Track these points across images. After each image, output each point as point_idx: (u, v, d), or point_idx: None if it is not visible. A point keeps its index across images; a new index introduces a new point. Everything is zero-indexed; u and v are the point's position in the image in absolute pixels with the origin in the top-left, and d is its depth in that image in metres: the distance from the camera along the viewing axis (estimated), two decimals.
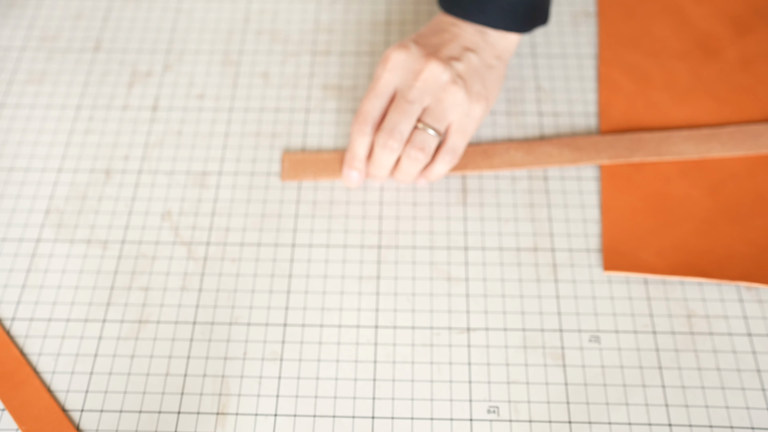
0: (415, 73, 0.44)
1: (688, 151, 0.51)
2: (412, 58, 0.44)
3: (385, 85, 0.45)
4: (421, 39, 0.47)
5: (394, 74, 0.45)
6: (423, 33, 0.48)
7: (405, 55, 0.44)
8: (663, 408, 0.42)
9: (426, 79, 0.44)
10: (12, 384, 0.43)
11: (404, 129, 0.45)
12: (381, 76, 0.45)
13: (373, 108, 0.46)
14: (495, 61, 0.47)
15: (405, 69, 0.45)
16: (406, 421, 0.42)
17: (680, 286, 0.47)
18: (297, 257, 0.48)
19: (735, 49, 0.56)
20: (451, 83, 0.45)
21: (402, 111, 0.45)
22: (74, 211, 0.50)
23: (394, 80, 0.45)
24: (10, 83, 0.57)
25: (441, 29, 0.47)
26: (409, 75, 0.45)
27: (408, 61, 0.45)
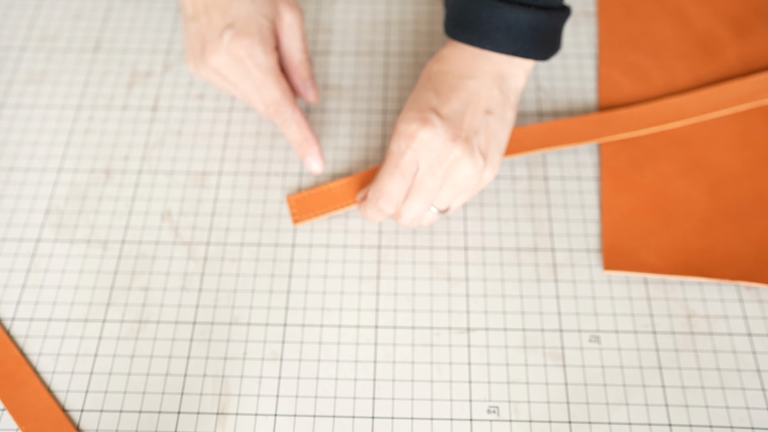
0: (439, 158, 0.42)
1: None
2: (439, 140, 0.42)
3: (409, 163, 0.43)
4: (443, 107, 0.43)
5: (420, 154, 0.42)
6: (442, 92, 0.43)
7: (432, 135, 0.41)
8: (663, 408, 0.43)
9: (450, 167, 0.42)
10: (12, 384, 0.43)
11: (421, 216, 0.45)
12: (405, 153, 0.43)
13: (398, 189, 0.44)
14: (511, 114, 0.45)
15: (430, 150, 0.42)
16: (406, 421, 0.42)
17: (680, 286, 0.47)
18: (297, 257, 0.48)
19: (735, 49, 0.56)
20: (471, 167, 0.43)
21: (424, 200, 0.44)
22: (74, 211, 0.50)
23: (418, 160, 0.43)
24: (10, 83, 0.57)
25: (459, 86, 0.44)
26: (433, 158, 0.42)
27: (434, 143, 0.42)
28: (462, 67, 0.44)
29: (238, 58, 0.44)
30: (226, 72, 0.45)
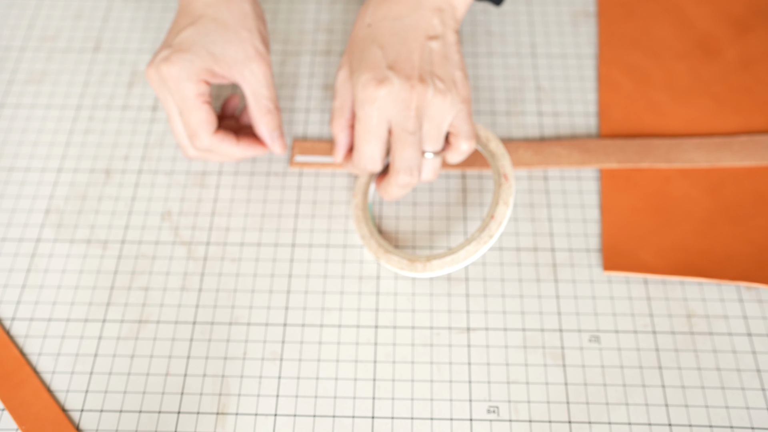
0: (405, 105, 0.43)
1: (698, 159, 0.50)
2: (397, 90, 0.43)
3: (379, 124, 0.44)
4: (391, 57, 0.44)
5: (384, 111, 0.43)
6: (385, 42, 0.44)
7: (389, 90, 0.42)
8: (663, 408, 0.43)
9: (417, 105, 0.43)
10: (12, 384, 0.43)
11: (417, 163, 0.45)
12: (371, 116, 0.43)
13: (377, 149, 0.45)
14: (454, 37, 0.46)
15: (394, 103, 0.43)
16: (406, 421, 0.42)
17: (680, 286, 0.47)
18: (297, 257, 0.48)
19: (735, 49, 0.56)
20: (436, 95, 0.43)
21: (410, 143, 0.44)
22: (74, 211, 0.50)
23: (386, 116, 0.44)
24: (10, 83, 0.57)
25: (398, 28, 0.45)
26: (399, 108, 0.43)
27: (393, 93, 0.43)
28: (400, 4, 0.45)
29: (161, 79, 0.45)
30: (156, 86, 0.46)
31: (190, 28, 0.45)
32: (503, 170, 0.46)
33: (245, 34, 0.46)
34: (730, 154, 0.51)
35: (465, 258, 0.44)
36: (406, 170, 0.44)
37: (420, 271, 0.45)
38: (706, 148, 0.51)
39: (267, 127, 0.48)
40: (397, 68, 0.43)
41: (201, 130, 0.46)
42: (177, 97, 0.45)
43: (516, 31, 0.58)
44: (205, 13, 0.46)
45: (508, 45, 0.58)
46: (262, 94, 0.47)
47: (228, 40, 0.45)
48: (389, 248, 0.46)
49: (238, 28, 0.46)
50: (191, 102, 0.45)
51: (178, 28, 0.46)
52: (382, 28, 0.45)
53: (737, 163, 0.50)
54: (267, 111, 0.47)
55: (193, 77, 0.44)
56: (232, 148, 0.48)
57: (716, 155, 0.51)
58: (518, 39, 0.58)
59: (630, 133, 0.53)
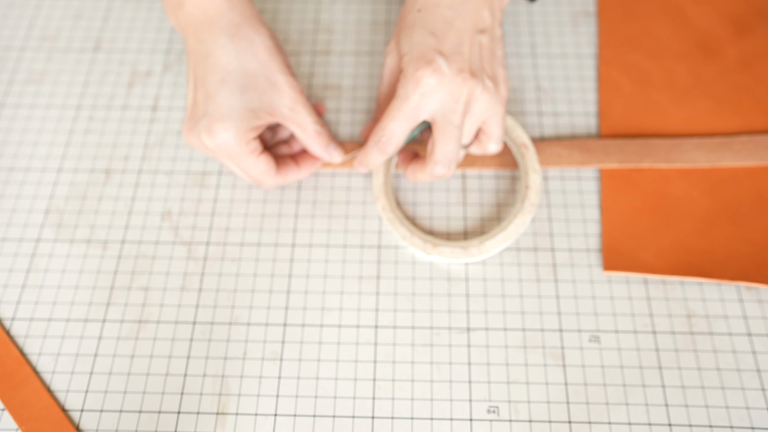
0: (454, 96, 0.42)
1: (699, 159, 0.50)
2: (448, 81, 0.42)
3: (415, 107, 0.43)
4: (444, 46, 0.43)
5: (431, 99, 0.43)
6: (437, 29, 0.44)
7: (440, 79, 0.42)
8: (663, 408, 0.43)
9: (467, 101, 0.43)
10: (12, 384, 0.43)
11: (456, 157, 0.45)
12: (410, 97, 0.43)
13: (400, 131, 0.44)
14: (500, 31, 0.46)
15: (442, 92, 0.42)
16: (406, 421, 0.42)
17: (680, 286, 0.47)
18: (297, 257, 0.48)
19: (735, 49, 0.56)
20: (483, 92, 0.43)
21: (454, 138, 0.44)
22: (74, 211, 0.50)
23: (431, 105, 0.43)
24: (10, 83, 0.57)
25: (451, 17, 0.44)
26: (447, 98, 0.42)
27: (443, 84, 0.42)
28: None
29: (207, 148, 0.44)
30: (200, 150, 0.45)
31: (223, 90, 0.43)
32: (521, 140, 0.48)
33: (275, 75, 0.45)
34: (730, 154, 0.51)
35: (516, 232, 0.46)
36: (446, 163, 0.44)
37: (476, 255, 0.46)
38: (706, 148, 0.51)
39: (321, 147, 0.47)
40: (450, 58, 0.43)
41: (264, 178, 0.46)
42: (231, 160, 0.45)
43: (516, 31, 0.58)
44: (232, 66, 0.44)
45: (508, 45, 0.58)
46: (307, 123, 0.46)
47: (263, 89, 0.44)
48: (436, 241, 0.47)
49: (267, 72, 0.44)
50: (246, 160, 0.45)
51: (208, 89, 0.43)
52: (434, 14, 0.44)
53: (737, 163, 0.50)
54: (317, 134, 0.47)
55: (242, 140, 0.43)
56: (296, 174, 0.48)
57: (716, 155, 0.51)
58: (518, 39, 0.58)
59: (630, 133, 0.53)
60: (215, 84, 0.43)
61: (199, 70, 0.44)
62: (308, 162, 0.49)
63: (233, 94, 0.43)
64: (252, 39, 0.44)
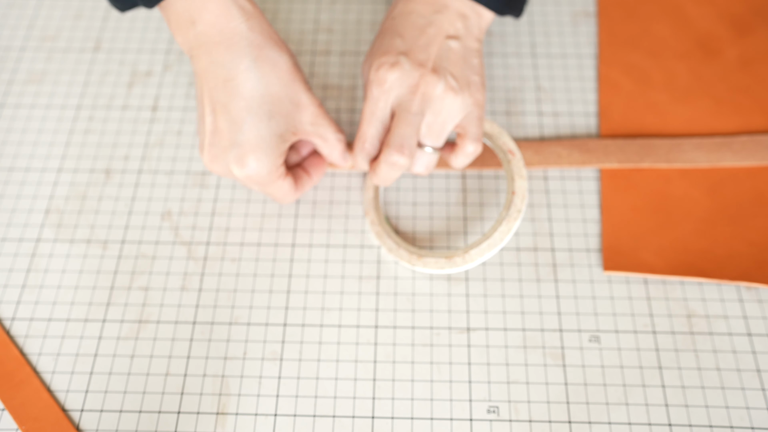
0: (411, 88, 0.43)
1: (699, 159, 0.50)
2: (406, 74, 0.43)
3: (384, 107, 0.44)
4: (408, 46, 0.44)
5: (391, 93, 0.44)
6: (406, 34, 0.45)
7: (399, 73, 0.43)
8: (663, 408, 0.43)
9: (424, 92, 0.43)
10: (12, 384, 0.43)
11: (412, 143, 0.44)
12: (378, 98, 0.44)
13: (376, 131, 0.45)
14: (476, 45, 0.46)
15: (401, 86, 0.43)
16: (406, 421, 0.42)
17: (680, 286, 0.47)
18: (297, 257, 0.48)
19: (735, 49, 0.56)
20: (447, 91, 0.43)
21: (408, 122, 0.44)
22: (74, 211, 0.50)
23: (392, 99, 0.44)
24: (10, 83, 0.57)
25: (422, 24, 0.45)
26: (405, 91, 0.43)
27: (402, 78, 0.43)
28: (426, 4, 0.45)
29: (237, 177, 0.44)
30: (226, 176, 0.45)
31: (251, 118, 0.42)
32: (506, 147, 0.47)
33: (298, 95, 0.44)
34: (730, 154, 0.51)
35: (501, 239, 0.45)
36: (398, 147, 0.43)
37: (460, 264, 0.45)
38: (707, 148, 0.51)
39: (340, 155, 0.47)
40: (410, 55, 0.44)
41: (286, 197, 0.47)
42: (259, 187, 0.45)
43: (516, 31, 0.58)
44: (258, 92, 0.42)
45: (508, 45, 0.58)
46: (329, 134, 0.46)
47: (287, 112, 0.43)
48: (421, 252, 0.46)
49: (291, 94, 0.43)
50: (273, 187, 0.45)
51: (233, 116, 0.42)
52: (405, 21, 0.45)
53: (737, 163, 0.50)
54: (338, 142, 0.46)
55: (272, 168, 0.43)
56: (309, 183, 0.48)
57: (716, 155, 0.51)
58: (518, 39, 0.58)
59: (630, 133, 0.53)
60: (241, 111, 0.42)
61: (218, 94, 0.42)
62: (317, 168, 0.49)
63: (261, 121, 0.42)
64: (275, 61, 0.43)
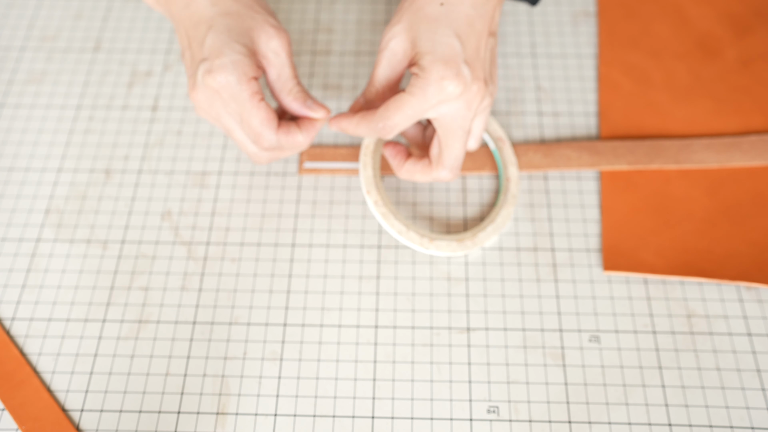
0: (468, 103, 0.43)
1: (708, 160, 0.50)
2: (467, 89, 0.42)
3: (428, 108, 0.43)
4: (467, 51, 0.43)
5: (446, 104, 0.43)
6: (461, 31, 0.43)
7: (463, 88, 0.42)
8: (663, 408, 0.43)
9: (477, 107, 0.43)
10: (12, 384, 0.43)
11: (461, 163, 0.45)
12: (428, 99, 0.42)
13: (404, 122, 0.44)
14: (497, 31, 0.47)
15: (458, 99, 0.43)
16: (406, 421, 0.42)
17: (680, 286, 0.47)
18: (297, 257, 0.48)
19: (735, 49, 0.56)
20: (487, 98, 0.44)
21: (463, 142, 0.44)
22: (74, 211, 0.50)
23: (442, 109, 0.43)
24: (10, 83, 0.57)
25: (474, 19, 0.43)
26: (462, 105, 0.43)
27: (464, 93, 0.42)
28: None
29: (213, 92, 0.43)
30: (206, 106, 0.44)
31: (212, 33, 0.43)
32: (497, 134, 0.49)
33: (258, 15, 0.45)
34: (739, 154, 0.51)
35: (504, 222, 0.48)
36: (454, 168, 0.45)
37: (470, 247, 0.47)
38: (716, 149, 0.51)
39: (299, 102, 0.46)
40: (471, 66, 0.43)
41: (265, 129, 0.44)
42: (233, 105, 0.43)
43: (516, 31, 0.58)
44: (213, 12, 0.44)
45: (508, 45, 0.58)
46: (286, 73, 0.45)
47: (248, 27, 0.44)
48: (433, 235, 0.47)
49: (250, 13, 0.44)
50: (249, 104, 0.43)
51: (198, 40, 0.44)
52: (458, 12, 0.43)
53: (747, 163, 0.50)
54: (292, 87, 0.46)
55: (243, 78, 0.43)
56: (299, 136, 0.46)
57: (726, 155, 0.51)
58: (518, 39, 0.58)
59: (630, 133, 0.53)
60: (204, 31, 0.44)
61: (189, 29, 0.44)
62: (307, 124, 0.47)
63: (221, 33, 0.43)
64: None
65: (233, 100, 0.43)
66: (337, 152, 0.52)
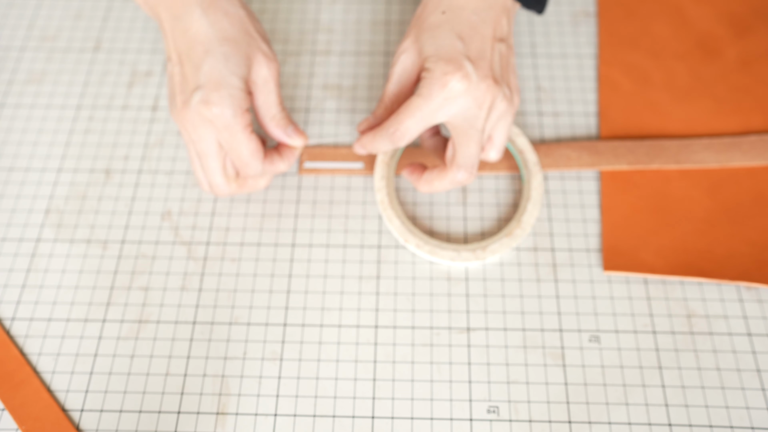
0: (477, 101, 0.43)
1: (708, 160, 0.50)
2: (474, 85, 0.42)
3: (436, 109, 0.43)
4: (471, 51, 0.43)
5: (452, 102, 0.43)
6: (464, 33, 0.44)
7: (468, 84, 0.42)
8: (663, 408, 0.43)
9: (489, 105, 0.43)
10: (12, 384, 0.43)
11: (477, 162, 0.45)
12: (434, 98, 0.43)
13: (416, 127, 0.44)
14: (512, 40, 0.46)
15: (467, 97, 0.43)
16: (406, 421, 0.42)
17: (680, 286, 0.47)
18: (297, 257, 0.48)
19: (735, 49, 0.56)
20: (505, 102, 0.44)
21: (477, 141, 0.44)
22: (74, 211, 0.50)
23: (450, 108, 0.43)
24: (10, 83, 0.57)
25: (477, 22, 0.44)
26: (472, 104, 0.43)
27: (470, 89, 0.42)
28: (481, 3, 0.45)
29: (206, 120, 0.44)
30: (191, 128, 0.44)
31: (210, 60, 0.43)
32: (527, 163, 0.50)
33: (252, 42, 0.45)
34: (739, 155, 0.51)
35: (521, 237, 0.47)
36: (469, 167, 0.45)
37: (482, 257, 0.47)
38: (716, 149, 0.51)
39: (280, 128, 0.47)
40: (476, 64, 0.43)
41: (253, 160, 0.46)
42: (225, 134, 0.44)
43: (516, 31, 0.58)
44: (211, 35, 0.44)
45: None
46: (271, 100, 0.46)
47: (244, 54, 0.44)
48: (458, 247, 0.46)
49: (245, 39, 0.45)
50: (241, 135, 0.44)
51: (193, 62, 0.44)
52: (460, 17, 0.44)
53: (747, 163, 0.50)
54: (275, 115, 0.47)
55: (238, 111, 0.43)
56: (280, 164, 0.48)
57: (726, 155, 0.51)
58: (518, 39, 0.58)
59: (630, 133, 0.53)
60: (200, 55, 0.44)
61: (181, 45, 0.44)
62: (288, 152, 0.48)
63: (219, 62, 0.43)
64: (227, 10, 0.45)
65: (226, 130, 0.44)
66: (337, 152, 0.52)
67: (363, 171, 0.51)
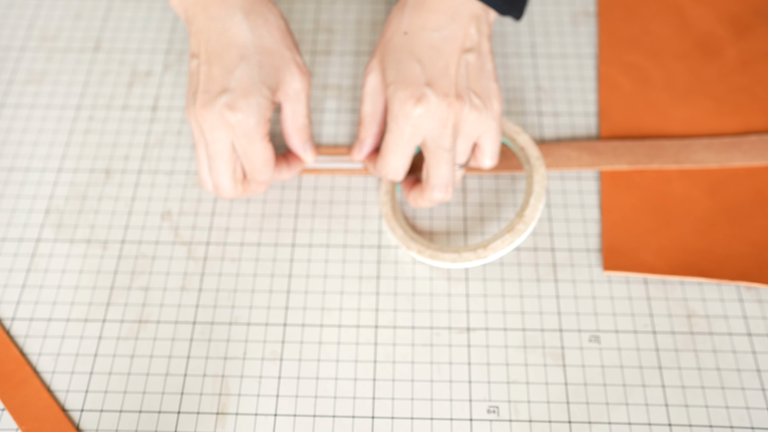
0: (441, 121, 0.43)
1: (708, 160, 0.50)
2: (433, 107, 0.43)
3: (411, 139, 0.44)
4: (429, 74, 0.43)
5: (420, 128, 0.43)
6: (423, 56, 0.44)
7: (426, 109, 0.43)
8: (663, 408, 0.43)
9: (454, 123, 0.43)
10: (12, 384, 0.43)
11: (452, 179, 0.45)
12: (404, 131, 0.44)
13: (403, 164, 0.45)
14: (488, 45, 0.46)
15: (429, 119, 0.43)
16: (406, 421, 0.42)
17: (680, 286, 0.47)
18: (297, 257, 0.48)
19: (735, 49, 0.56)
20: (471, 111, 0.44)
21: (446, 160, 0.44)
22: (74, 211, 0.50)
23: (421, 133, 0.44)
24: (10, 83, 0.57)
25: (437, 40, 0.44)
26: (436, 124, 0.43)
27: (430, 111, 0.43)
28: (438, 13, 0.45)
29: (227, 123, 0.43)
30: (207, 129, 0.44)
31: (243, 65, 0.43)
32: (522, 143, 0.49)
33: (288, 54, 0.45)
34: (739, 155, 0.51)
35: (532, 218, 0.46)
36: (442, 187, 0.45)
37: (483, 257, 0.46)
38: (716, 149, 0.51)
39: (300, 141, 0.48)
40: (435, 85, 0.43)
41: (265, 167, 0.46)
42: (243, 140, 0.44)
43: (516, 31, 0.58)
44: (249, 41, 0.44)
45: (508, 45, 0.58)
46: (300, 111, 0.47)
47: (277, 66, 0.44)
48: (460, 248, 0.46)
49: (282, 50, 0.45)
50: (259, 144, 0.44)
51: (225, 64, 0.44)
52: (420, 38, 0.44)
53: (747, 163, 0.50)
54: (302, 126, 0.47)
55: (261, 120, 0.44)
56: (286, 173, 0.49)
57: (726, 155, 0.51)
58: (518, 39, 0.58)
59: (630, 133, 0.53)
60: (234, 59, 0.43)
61: (213, 46, 0.44)
62: (295, 162, 0.49)
63: (252, 69, 0.43)
64: (267, 17, 0.45)
65: (245, 137, 0.44)
66: (337, 152, 0.52)
67: (363, 171, 0.51)
